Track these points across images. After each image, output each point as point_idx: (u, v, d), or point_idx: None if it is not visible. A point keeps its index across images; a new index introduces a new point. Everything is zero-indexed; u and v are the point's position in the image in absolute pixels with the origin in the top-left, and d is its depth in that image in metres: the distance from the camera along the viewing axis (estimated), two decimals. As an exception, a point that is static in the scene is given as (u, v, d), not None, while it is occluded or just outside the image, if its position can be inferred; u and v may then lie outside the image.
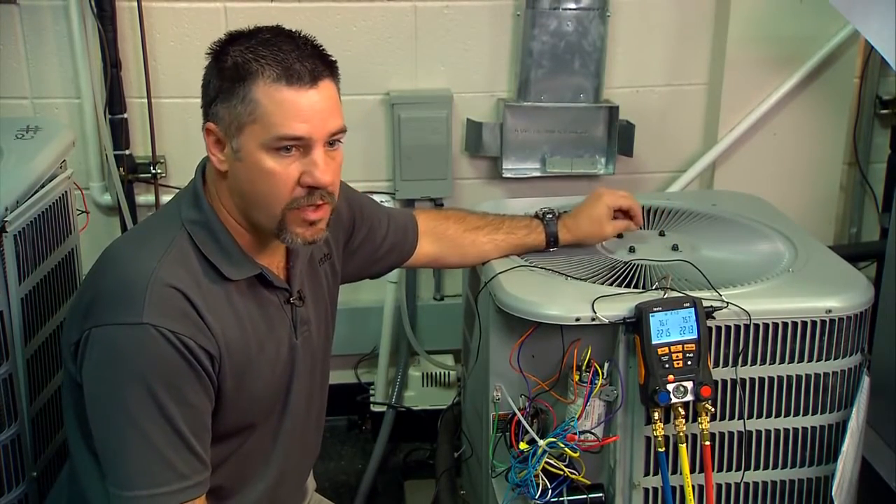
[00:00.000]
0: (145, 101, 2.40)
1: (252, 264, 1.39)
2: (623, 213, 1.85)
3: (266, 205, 1.34)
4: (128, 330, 1.26)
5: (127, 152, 2.42)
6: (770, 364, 1.63)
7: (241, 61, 1.30)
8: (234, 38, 1.34)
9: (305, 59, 1.31)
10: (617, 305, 1.58)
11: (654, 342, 1.55)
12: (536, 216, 1.82)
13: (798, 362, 1.63)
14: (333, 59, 1.36)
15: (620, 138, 2.54)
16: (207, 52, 1.36)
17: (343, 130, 1.36)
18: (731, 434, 1.65)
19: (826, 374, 1.64)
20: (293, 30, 1.36)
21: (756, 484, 1.69)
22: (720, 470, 1.67)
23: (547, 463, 1.58)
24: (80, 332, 1.29)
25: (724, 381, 1.62)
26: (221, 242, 1.37)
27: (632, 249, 1.80)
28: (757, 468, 1.68)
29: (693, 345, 1.56)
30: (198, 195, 1.39)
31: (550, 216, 1.81)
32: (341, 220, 1.60)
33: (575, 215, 1.82)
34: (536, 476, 1.58)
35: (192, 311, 1.30)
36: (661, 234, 1.89)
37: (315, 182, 1.32)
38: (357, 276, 1.71)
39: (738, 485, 1.68)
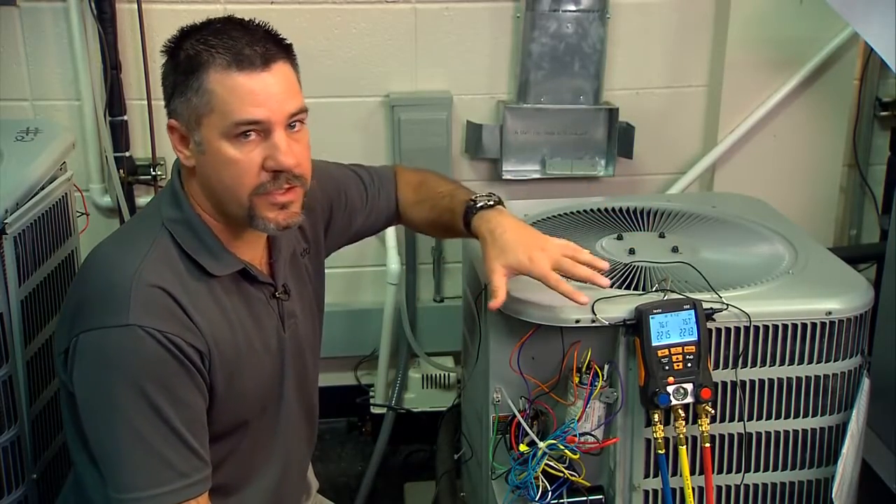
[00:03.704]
0: (145, 102, 2.40)
1: (235, 260, 1.39)
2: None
3: (233, 194, 1.33)
4: (115, 332, 1.25)
5: (127, 154, 2.42)
6: (770, 366, 1.63)
7: (192, 53, 1.31)
8: (186, 33, 1.35)
9: (256, 43, 1.31)
10: (617, 307, 1.58)
11: (654, 344, 1.55)
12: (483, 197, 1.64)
13: (798, 364, 1.63)
14: (287, 41, 1.36)
15: (620, 140, 2.54)
16: (162, 50, 1.36)
17: (303, 110, 1.35)
18: (731, 436, 1.65)
19: (826, 376, 1.64)
20: (244, 18, 1.36)
21: (756, 486, 1.69)
22: (720, 472, 1.67)
23: (547, 465, 1.58)
24: (69, 340, 1.29)
25: (724, 383, 1.62)
26: (203, 239, 1.36)
27: (632, 251, 1.80)
28: (757, 470, 1.68)
29: (693, 347, 1.56)
30: (176, 194, 1.38)
31: (474, 204, 1.61)
32: (316, 210, 1.59)
33: (494, 229, 1.57)
34: (536, 478, 1.58)
35: (178, 309, 1.30)
36: (661, 235, 1.89)
37: (278, 165, 1.31)
38: (337, 247, 1.70)
39: (738, 487, 1.68)
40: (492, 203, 1.61)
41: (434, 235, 1.73)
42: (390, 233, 2.50)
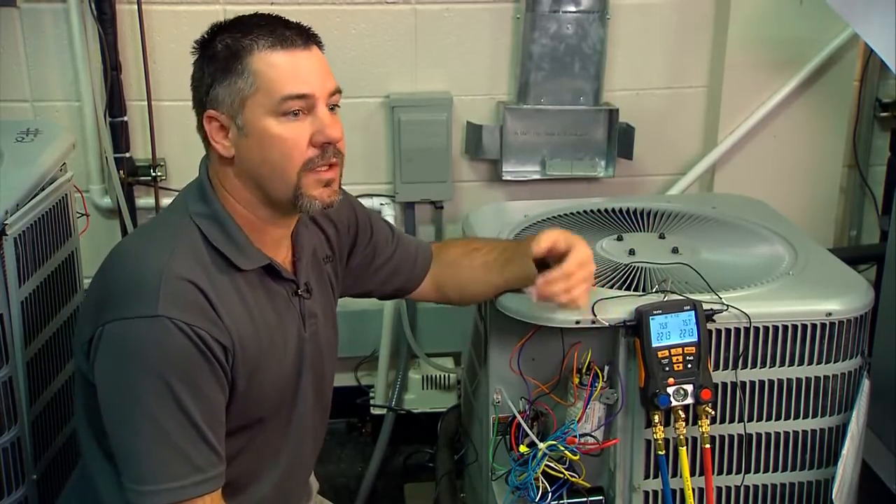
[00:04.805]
0: (145, 103, 2.40)
1: (261, 255, 1.40)
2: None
3: (281, 172, 1.34)
4: (143, 323, 1.26)
5: (127, 155, 2.42)
6: (770, 367, 1.63)
7: (230, 42, 1.34)
8: (218, 29, 1.38)
9: (292, 26, 1.35)
10: (617, 308, 1.58)
11: (654, 345, 1.55)
12: None
13: (798, 365, 1.63)
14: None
15: (620, 141, 2.54)
16: (193, 49, 1.38)
17: (339, 91, 1.38)
18: (731, 437, 1.65)
19: (826, 378, 1.64)
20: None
21: (756, 487, 1.69)
22: (720, 473, 1.67)
23: (547, 466, 1.58)
24: (94, 329, 1.29)
25: (725, 384, 1.62)
26: (231, 233, 1.37)
27: (632, 252, 1.80)
28: (757, 471, 1.68)
29: (693, 348, 1.56)
30: (203, 189, 1.39)
31: None
32: (344, 225, 1.60)
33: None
34: (536, 479, 1.58)
35: (205, 303, 1.30)
36: (661, 236, 1.89)
37: (327, 138, 1.34)
38: (352, 291, 1.67)
39: (738, 488, 1.68)
40: None
41: (479, 293, 1.71)
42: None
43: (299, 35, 1.34)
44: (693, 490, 1.58)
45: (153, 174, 2.44)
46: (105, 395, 1.29)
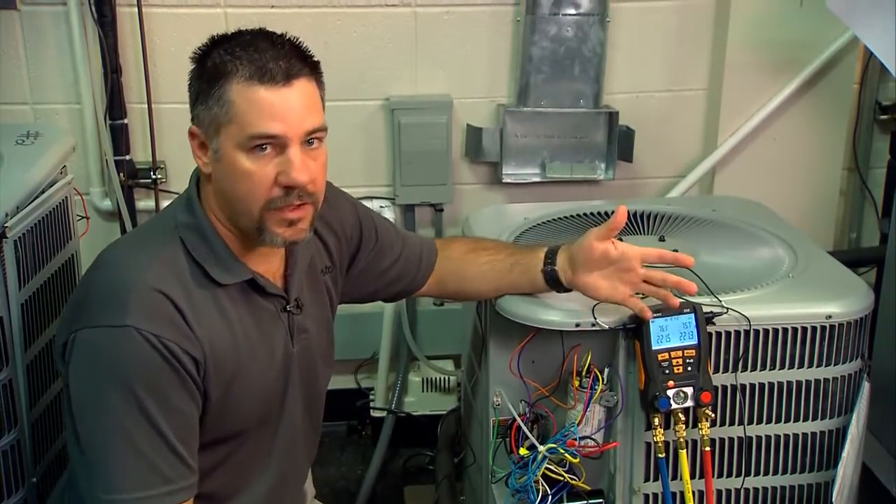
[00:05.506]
0: (145, 106, 2.40)
1: (244, 269, 1.39)
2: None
3: (245, 205, 1.33)
4: (112, 332, 1.26)
5: (127, 157, 2.42)
6: (770, 370, 1.62)
7: (218, 62, 1.31)
8: (216, 42, 1.35)
9: (281, 58, 1.31)
10: (617, 311, 1.58)
11: (654, 348, 1.55)
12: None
13: (798, 368, 1.63)
14: (315, 59, 1.36)
15: (620, 144, 2.54)
16: (191, 56, 1.37)
17: (322, 129, 1.34)
18: (731, 440, 1.65)
19: (826, 380, 1.64)
20: (275, 31, 1.36)
21: (756, 490, 1.69)
22: (720, 476, 1.66)
23: (547, 468, 1.58)
24: (68, 334, 1.29)
25: (725, 387, 1.62)
26: (212, 246, 1.36)
27: (632, 255, 1.80)
28: (757, 474, 1.68)
29: (693, 350, 1.56)
30: (191, 200, 1.39)
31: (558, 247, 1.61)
32: (346, 233, 1.59)
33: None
34: (536, 482, 1.58)
35: (177, 316, 1.29)
36: (661, 239, 1.89)
37: (290, 181, 1.31)
38: (356, 297, 1.67)
39: (738, 491, 1.68)
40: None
41: (481, 291, 1.70)
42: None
43: (283, 70, 1.29)
44: (693, 493, 1.58)
45: (153, 177, 2.44)
46: (75, 401, 1.29)
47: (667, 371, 1.55)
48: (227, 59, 1.30)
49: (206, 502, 1.38)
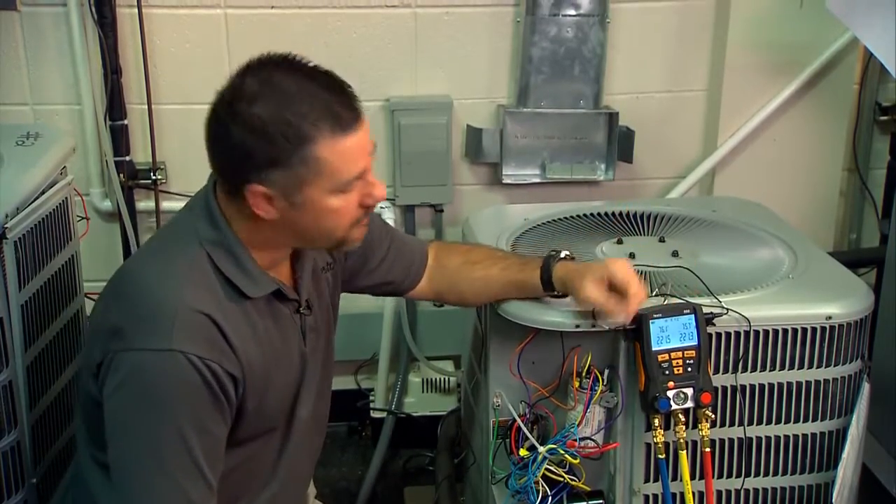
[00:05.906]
0: (146, 107, 2.40)
1: (270, 281, 1.40)
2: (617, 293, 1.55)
3: (329, 233, 1.37)
4: (157, 356, 1.26)
5: (127, 158, 2.42)
6: (770, 371, 1.62)
7: (286, 129, 1.27)
8: (250, 98, 1.28)
9: (344, 100, 1.33)
10: (617, 312, 1.58)
11: (654, 349, 1.55)
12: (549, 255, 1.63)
13: (798, 369, 1.63)
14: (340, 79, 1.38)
15: (620, 144, 2.54)
16: (220, 112, 1.30)
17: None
18: (731, 441, 1.65)
19: (826, 381, 1.64)
20: (300, 60, 1.34)
21: (756, 491, 1.69)
22: (720, 477, 1.67)
23: (547, 469, 1.58)
24: (104, 354, 1.29)
25: (725, 388, 1.62)
26: (241, 262, 1.36)
27: (632, 256, 1.80)
28: (757, 475, 1.68)
29: (693, 351, 1.55)
30: (213, 215, 1.37)
31: (555, 256, 1.61)
32: None
33: (578, 264, 1.60)
34: (536, 482, 1.58)
35: (218, 335, 1.30)
36: (661, 240, 1.89)
37: (376, 201, 1.39)
38: (347, 288, 1.68)
39: (738, 492, 1.68)
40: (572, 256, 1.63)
41: (471, 298, 1.73)
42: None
43: (350, 109, 1.33)
44: (693, 494, 1.58)
45: (153, 177, 2.44)
46: (112, 420, 1.29)
47: (667, 372, 1.55)
48: (301, 123, 1.28)
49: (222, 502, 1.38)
